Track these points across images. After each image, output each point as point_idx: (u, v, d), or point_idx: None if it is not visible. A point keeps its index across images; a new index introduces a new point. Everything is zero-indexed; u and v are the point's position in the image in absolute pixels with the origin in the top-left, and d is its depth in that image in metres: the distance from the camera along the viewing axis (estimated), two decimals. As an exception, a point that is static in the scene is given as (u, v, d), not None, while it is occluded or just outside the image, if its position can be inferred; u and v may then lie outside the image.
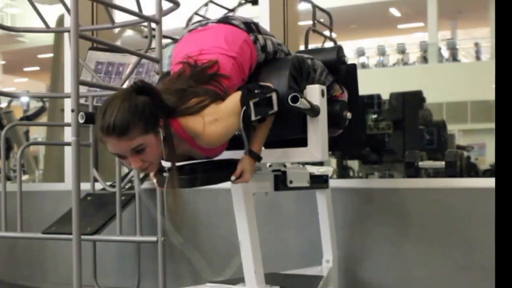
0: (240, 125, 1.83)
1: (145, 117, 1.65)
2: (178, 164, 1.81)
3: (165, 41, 3.12)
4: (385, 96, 6.82)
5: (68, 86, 3.14)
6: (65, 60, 3.80)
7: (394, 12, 16.63)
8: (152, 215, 2.86)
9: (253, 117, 1.84)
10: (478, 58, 16.29)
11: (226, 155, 1.99)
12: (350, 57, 13.16)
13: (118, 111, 1.62)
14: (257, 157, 1.94)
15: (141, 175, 2.99)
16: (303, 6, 4.44)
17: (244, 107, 1.82)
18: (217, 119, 1.78)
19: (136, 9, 2.71)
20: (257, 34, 2.00)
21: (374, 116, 6.64)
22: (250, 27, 2.00)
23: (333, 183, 2.68)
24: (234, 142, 1.94)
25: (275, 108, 1.89)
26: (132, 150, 1.67)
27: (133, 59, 3.09)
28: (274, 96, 1.88)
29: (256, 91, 1.86)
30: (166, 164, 1.81)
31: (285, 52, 2.08)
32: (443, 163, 4.60)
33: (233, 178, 1.89)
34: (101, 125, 1.65)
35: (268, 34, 2.06)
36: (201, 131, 1.76)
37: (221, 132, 1.80)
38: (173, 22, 3.80)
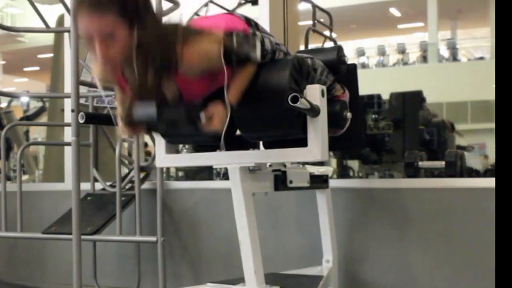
0: (221, 54, 1.74)
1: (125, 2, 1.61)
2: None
3: (165, 41, 3.12)
4: (385, 96, 6.82)
5: (68, 86, 3.14)
6: (65, 60, 3.80)
7: (394, 12, 16.64)
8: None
9: (234, 45, 1.77)
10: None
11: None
12: (350, 57, 13.15)
13: None
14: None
15: (141, 175, 2.99)
16: (303, 6, 4.44)
17: (227, 36, 1.76)
18: (198, 40, 1.72)
19: (136, 9, 2.71)
20: (256, 30, 2.00)
21: (374, 116, 6.63)
22: (250, 22, 2.01)
23: (333, 183, 2.67)
24: (234, 142, 1.94)
25: (258, 54, 1.84)
26: (101, 34, 1.60)
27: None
28: (258, 42, 1.86)
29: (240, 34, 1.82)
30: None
31: (284, 52, 2.08)
32: (443, 163, 4.59)
33: (203, 119, 1.77)
34: None
35: (267, 33, 2.06)
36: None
37: (200, 53, 1.72)
38: (173, 22, 3.79)
